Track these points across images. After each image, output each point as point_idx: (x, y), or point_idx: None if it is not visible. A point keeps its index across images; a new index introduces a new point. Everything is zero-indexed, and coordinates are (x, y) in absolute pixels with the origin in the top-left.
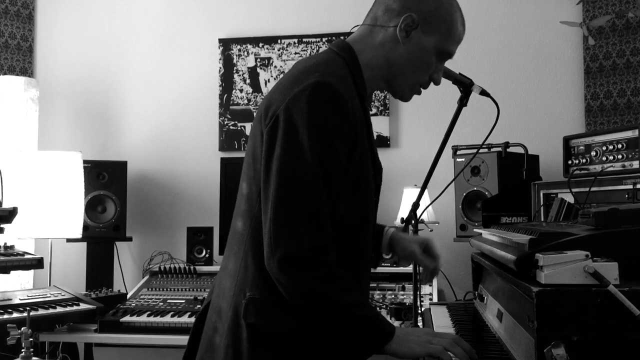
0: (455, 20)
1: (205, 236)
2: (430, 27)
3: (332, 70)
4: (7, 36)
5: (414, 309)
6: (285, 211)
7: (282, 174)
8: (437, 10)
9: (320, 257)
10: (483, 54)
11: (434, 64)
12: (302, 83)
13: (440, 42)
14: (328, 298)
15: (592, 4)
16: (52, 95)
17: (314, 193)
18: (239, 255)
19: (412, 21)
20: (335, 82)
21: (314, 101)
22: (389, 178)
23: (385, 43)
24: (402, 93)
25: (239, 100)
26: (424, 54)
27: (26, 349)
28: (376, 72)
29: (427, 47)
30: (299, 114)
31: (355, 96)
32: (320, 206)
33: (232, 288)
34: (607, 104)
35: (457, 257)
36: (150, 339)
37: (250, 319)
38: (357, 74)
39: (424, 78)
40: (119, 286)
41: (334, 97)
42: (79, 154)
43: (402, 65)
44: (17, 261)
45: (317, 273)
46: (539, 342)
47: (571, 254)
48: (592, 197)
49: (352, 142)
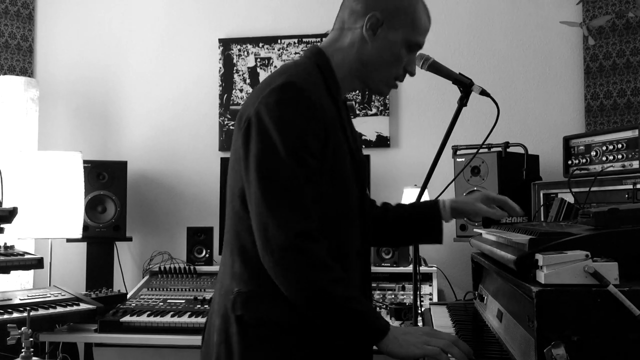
0: (418, 11)
1: (205, 236)
2: (395, 22)
3: (299, 72)
4: (7, 36)
5: (414, 309)
6: (268, 205)
7: (260, 171)
8: (399, 5)
9: (309, 245)
10: (483, 54)
11: (404, 56)
12: (270, 86)
13: (406, 34)
14: (321, 288)
15: (592, 4)
16: (52, 95)
17: (293, 184)
18: (227, 254)
19: (377, 20)
20: (300, 82)
21: (281, 101)
22: (389, 178)
23: (355, 43)
24: (378, 88)
25: (239, 100)
26: (392, 48)
27: (26, 349)
28: (349, 72)
29: (395, 41)
30: (268, 115)
31: (325, 95)
32: (301, 195)
33: (223, 285)
34: (607, 104)
35: (457, 257)
36: (150, 339)
37: (238, 311)
38: (329, 75)
39: (397, 71)
40: (119, 286)
41: (300, 95)
42: (79, 154)
43: (374, 63)
44: (17, 261)
45: (308, 260)
46: (539, 342)
47: (571, 254)
48: (592, 197)
49: (323, 137)
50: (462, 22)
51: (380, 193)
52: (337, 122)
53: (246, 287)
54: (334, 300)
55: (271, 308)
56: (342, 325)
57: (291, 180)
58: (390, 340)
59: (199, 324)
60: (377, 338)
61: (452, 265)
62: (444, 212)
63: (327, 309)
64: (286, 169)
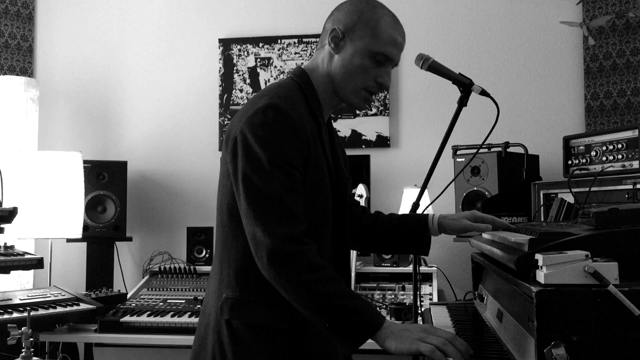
0: (380, 22)
1: (205, 236)
2: (355, 34)
3: (281, 93)
4: (7, 36)
5: (414, 309)
6: (255, 214)
7: (246, 184)
8: (360, 18)
9: (298, 247)
10: (483, 54)
11: (371, 67)
12: (254, 107)
13: (367, 45)
14: (309, 287)
15: (592, 4)
16: (52, 95)
17: (277, 193)
18: (216, 262)
19: (338, 33)
20: (281, 103)
21: (264, 121)
22: (389, 178)
23: (324, 60)
24: (350, 100)
25: (239, 100)
26: (355, 59)
27: (26, 349)
28: (325, 89)
29: (356, 51)
30: (252, 134)
31: (306, 114)
32: (285, 203)
33: (214, 291)
34: (607, 104)
35: (457, 257)
36: (150, 339)
37: (225, 316)
38: (310, 95)
39: (366, 82)
40: (119, 286)
41: (281, 115)
42: (79, 154)
43: (340, 74)
44: (17, 261)
45: (296, 262)
46: (539, 342)
47: (571, 254)
48: (592, 197)
49: (304, 152)
50: (462, 22)
51: (380, 193)
52: (317, 140)
53: (233, 293)
54: (323, 298)
55: (255, 313)
56: (336, 322)
57: (275, 189)
58: (386, 334)
59: None
60: (372, 331)
61: (452, 265)
62: (432, 227)
63: (319, 307)
64: (269, 180)
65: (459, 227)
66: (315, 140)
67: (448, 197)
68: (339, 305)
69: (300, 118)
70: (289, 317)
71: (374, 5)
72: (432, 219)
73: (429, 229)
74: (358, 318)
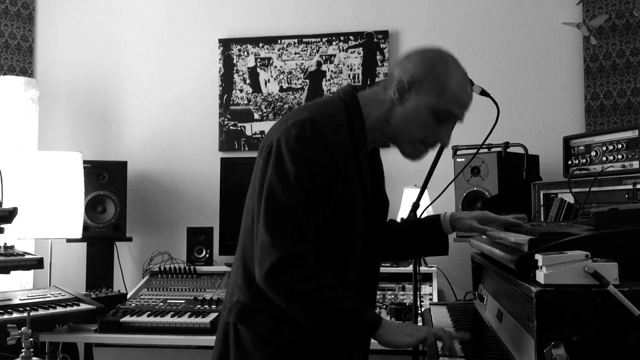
0: (449, 80)
1: (205, 236)
2: (421, 89)
3: (325, 110)
4: (7, 36)
5: (414, 309)
6: (268, 224)
7: (269, 194)
8: (429, 72)
9: (299, 261)
10: (483, 54)
11: (431, 123)
12: (294, 119)
13: (432, 102)
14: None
15: (592, 4)
16: (52, 95)
17: (294, 210)
18: (236, 262)
19: (404, 85)
20: (321, 120)
21: (299, 135)
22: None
23: (385, 103)
24: (404, 150)
25: (239, 100)
26: (417, 114)
27: (26, 349)
28: (377, 126)
29: (420, 107)
30: (286, 146)
31: (346, 136)
32: (299, 221)
33: (230, 291)
34: (607, 104)
35: (457, 257)
36: (150, 339)
37: (231, 318)
38: (355, 117)
39: (424, 136)
40: (119, 286)
41: (318, 132)
42: (79, 154)
43: (399, 125)
44: (17, 261)
45: (295, 274)
46: (539, 342)
47: (571, 254)
48: (592, 197)
49: (334, 172)
50: (461, 22)
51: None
52: (353, 161)
53: (243, 297)
54: (322, 304)
55: (260, 322)
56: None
57: (294, 205)
58: (385, 330)
59: (199, 324)
60: (372, 330)
61: (452, 265)
62: (445, 226)
63: (318, 314)
64: (291, 195)
65: (466, 227)
66: (349, 161)
67: (448, 197)
68: (341, 309)
69: (337, 136)
70: (294, 331)
71: (445, 60)
72: (444, 217)
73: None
74: (358, 320)
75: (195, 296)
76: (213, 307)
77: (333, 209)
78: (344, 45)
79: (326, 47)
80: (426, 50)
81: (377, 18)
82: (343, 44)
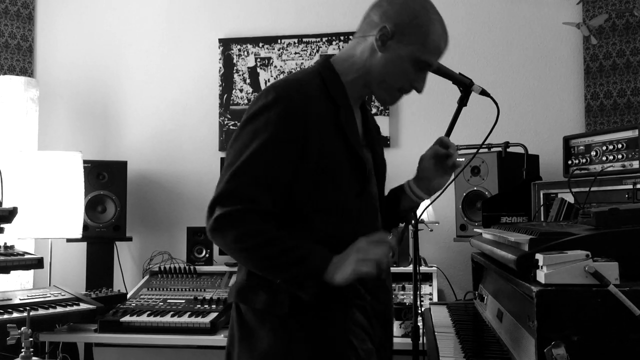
0: (430, 31)
1: (205, 236)
2: (404, 38)
3: (294, 78)
4: (7, 36)
5: (414, 309)
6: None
7: (226, 160)
8: (412, 22)
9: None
10: (483, 54)
11: (411, 72)
12: (261, 92)
13: (415, 52)
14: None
15: (592, 4)
16: (52, 95)
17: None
18: None
19: (388, 32)
20: (286, 87)
21: (263, 104)
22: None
23: (365, 51)
24: (381, 96)
25: (239, 100)
26: (399, 63)
27: (26, 348)
28: (357, 78)
29: (402, 56)
30: (248, 114)
31: (322, 101)
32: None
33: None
34: (607, 104)
35: (457, 257)
36: (150, 339)
37: (232, 298)
38: (331, 81)
39: (402, 84)
40: (119, 286)
41: (282, 100)
42: (79, 154)
43: (380, 72)
44: (17, 261)
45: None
46: (539, 342)
47: (571, 253)
48: (592, 197)
49: (302, 135)
50: (462, 22)
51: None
52: (331, 125)
53: (242, 278)
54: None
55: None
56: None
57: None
58: (332, 271)
59: (199, 323)
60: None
61: (452, 265)
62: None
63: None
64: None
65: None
66: (325, 124)
67: (448, 197)
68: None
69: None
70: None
71: (427, 10)
72: (407, 185)
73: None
74: (304, 268)
75: (195, 296)
76: (213, 307)
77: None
78: (344, 45)
79: (326, 47)
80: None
81: None
82: (343, 44)
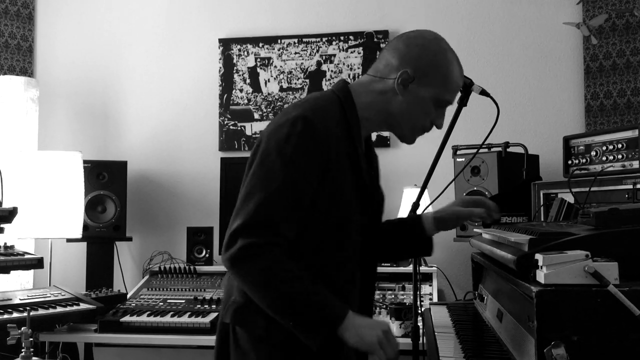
0: (450, 71)
1: (205, 236)
2: (426, 80)
3: (317, 105)
4: (7, 36)
5: (414, 309)
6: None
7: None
8: (432, 64)
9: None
10: (483, 54)
11: (432, 112)
12: (286, 117)
13: (436, 93)
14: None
15: (592, 4)
16: (52, 95)
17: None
18: None
19: (409, 76)
20: (312, 116)
21: (290, 132)
22: (389, 178)
23: (385, 93)
24: (404, 137)
25: (239, 100)
26: (421, 104)
27: (26, 349)
28: (376, 116)
29: (424, 98)
30: (275, 142)
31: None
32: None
33: (228, 289)
34: (607, 104)
35: (457, 257)
36: (150, 339)
37: (227, 319)
38: (350, 111)
39: (424, 123)
40: (119, 286)
41: (309, 129)
42: (79, 154)
43: (402, 115)
44: (17, 261)
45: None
46: (539, 342)
47: (571, 253)
48: (592, 197)
49: (324, 167)
50: (462, 22)
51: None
52: (347, 156)
53: (239, 298)
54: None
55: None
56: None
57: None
58: (346, 327)
59: (199, 324)
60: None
61: (452, 265)
62: (427, 226)
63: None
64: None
65: (452, 213)
66: (342, 156)
67: (448, 197)
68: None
69: (332, 133)
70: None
71: (444, 50)
72: (426, 217)
73: (424, 228)
74: (320, 315)
75: (195, 296)
76: (213, 307)
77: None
78: (344, 45)
79: (326, 47)
80: (423, 37)
81: (377, 18)
82: (343, 44)
